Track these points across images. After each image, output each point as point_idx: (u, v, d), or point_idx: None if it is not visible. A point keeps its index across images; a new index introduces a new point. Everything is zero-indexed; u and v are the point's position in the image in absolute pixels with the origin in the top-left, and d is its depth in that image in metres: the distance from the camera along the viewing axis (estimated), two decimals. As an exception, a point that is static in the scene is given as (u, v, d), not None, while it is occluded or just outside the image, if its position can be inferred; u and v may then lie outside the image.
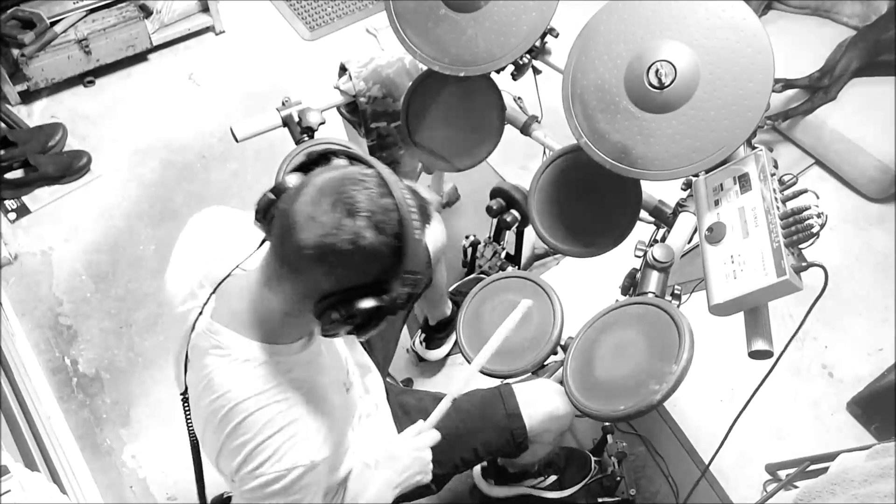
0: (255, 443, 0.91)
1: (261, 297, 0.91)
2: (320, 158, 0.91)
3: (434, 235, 1.60)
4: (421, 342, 1.91)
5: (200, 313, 0.96)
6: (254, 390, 0.92)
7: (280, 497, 0.92)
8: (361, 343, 1.35)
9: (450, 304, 1.86)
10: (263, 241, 0.94)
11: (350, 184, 0.83)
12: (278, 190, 0.89)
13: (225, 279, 0.98)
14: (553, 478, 1.62)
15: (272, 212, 0.88)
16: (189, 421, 1.03)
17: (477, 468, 1.67)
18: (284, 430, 0.91)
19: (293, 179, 0.88)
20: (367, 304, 0.84)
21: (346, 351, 1.19)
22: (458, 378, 1.23)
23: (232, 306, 0.95)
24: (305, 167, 0.91)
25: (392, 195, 0.83)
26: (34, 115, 2.54)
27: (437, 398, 1.30)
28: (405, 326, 1.64)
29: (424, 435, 1.16)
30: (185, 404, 1.02)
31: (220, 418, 0.93)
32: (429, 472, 1.16)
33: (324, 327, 0.88)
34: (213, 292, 0.97)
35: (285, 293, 0.89)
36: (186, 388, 1.01)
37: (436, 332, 1.89)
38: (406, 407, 1.36)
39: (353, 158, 0.90)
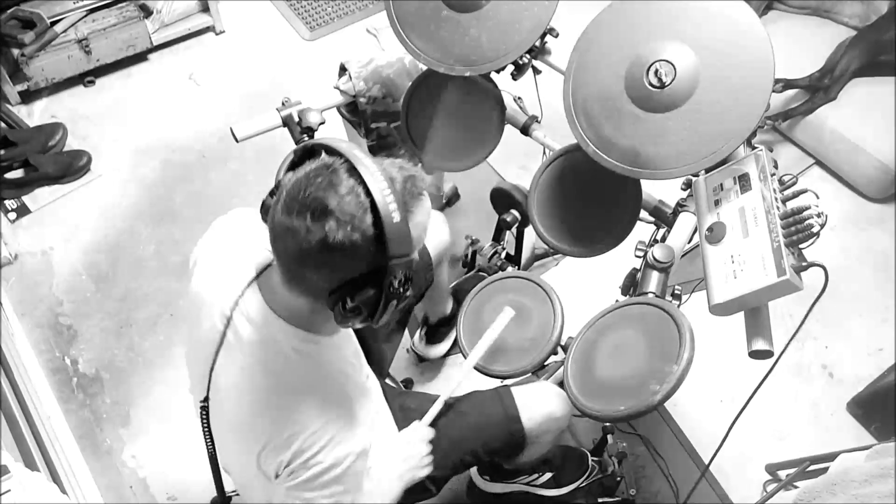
0: (308, 432, 0.91)
1: (289, 294, 0.92)
2: (308, 154, 0.89)
3: (438, 236, 1.61)
4: (422, 338, 1.91)
5: (240, 297, 0.97)
6: (302, 379, 0.93)
7: (335, 485, 0.93)
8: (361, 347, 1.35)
9: (451, 301, 1.87)
10: None
11: (313, 185, 0.80)
12: (276, 191, 0.89)
13: (268, 267, 0.98)
14: (548, 475, 1.62)
15: None
16: (205, 427, 1.03)
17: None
18: (338, 419, 0.93)
19: (288, 179, 0.88)
20: (368, 294, 0.84)
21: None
22: (453, 379, 1.30)
23: (277, 295, 0.95)
24: (296, 165, 0.89)
25: (363, 183, 0.80)
26: (34, 114, 2.54)
27: (435, 400, 1.30)
28: (405, 328, 1.64)
29: (418, 430, 1.23)
30: (204, 411, 1.02)
31: (266, 406, 0.93)
32: (425, 467, 1.21)
33: (337, 320, 0.89)
34: (256, 278, 0.98)
35: (300, 294, 0.90)
36: (208, 396, 1.01)
37: (437, 329, 1.90)
38: (406, 409, 1.36)
39: (331, 150, 0.85)
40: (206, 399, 1.02)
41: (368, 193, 0.80)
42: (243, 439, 1.01)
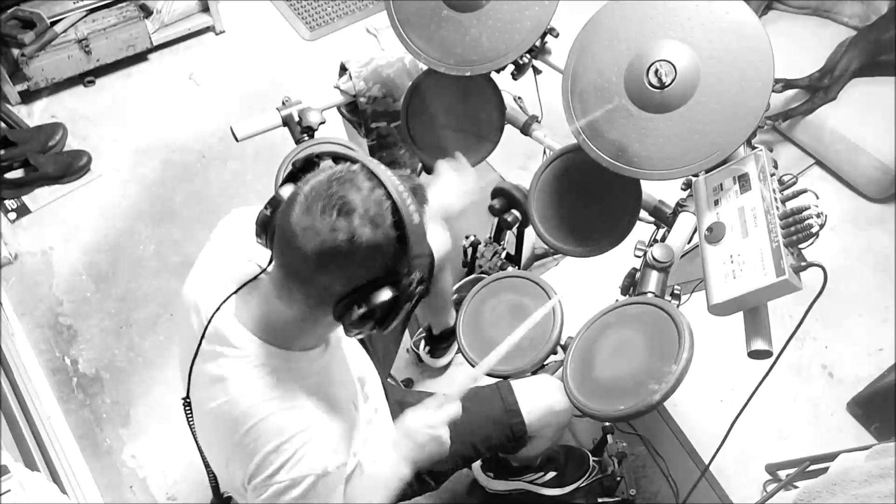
0: (267, 449, 0.90)
1: (275, 308, 0.92)
2: (307, 165, 0.90)
3: (439, 241, 1.60)
4: (426, 350, 1.90)
5: (217, 310, 0.96)
6: (268, 395, 0.92)
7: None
8: (363, 345, 1.34)
9: (454, 313, 1.85)
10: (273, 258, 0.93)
11: (338, 184, 0.82)
12: (274, 203, 0.88)
13: (250, 281, 0.97)
14: (552, 474, 1.62)
15: (272, 227, 0.88)
16: (192, 424, 1.03)
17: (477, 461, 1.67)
18: (298, 437, 0.91)
19: (286, 191, 0.88)
20: (384, 296, 0.84)
21: (355, 368, 1.18)
22: (485, 361, 1.16)
23: (252, 309, 0.95)
24: (294, 176, 0.90)
25: (383, 185, 0.83)
26: (34, 114, 2.54)
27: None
28: (407, 327, 1.64)
29: (447, 407, 1.11)
30: (188, 408, 1.02)
31: (232, 421, 0.93)
32: (443, 443, 1.11)
33: (346, 328, 0.88)
34: (236, 292, 0.97)
35: (299, 304, 0.89)
36: (189, 394, 1.01)
37: (440, 342, 1.88)
38: (406, 406, 1.35)
39: (338, 157, 0.89)
40: (188, 396, 1.02)
41: (389, 196, 0.82)
42: (213, 445, 1.01)
